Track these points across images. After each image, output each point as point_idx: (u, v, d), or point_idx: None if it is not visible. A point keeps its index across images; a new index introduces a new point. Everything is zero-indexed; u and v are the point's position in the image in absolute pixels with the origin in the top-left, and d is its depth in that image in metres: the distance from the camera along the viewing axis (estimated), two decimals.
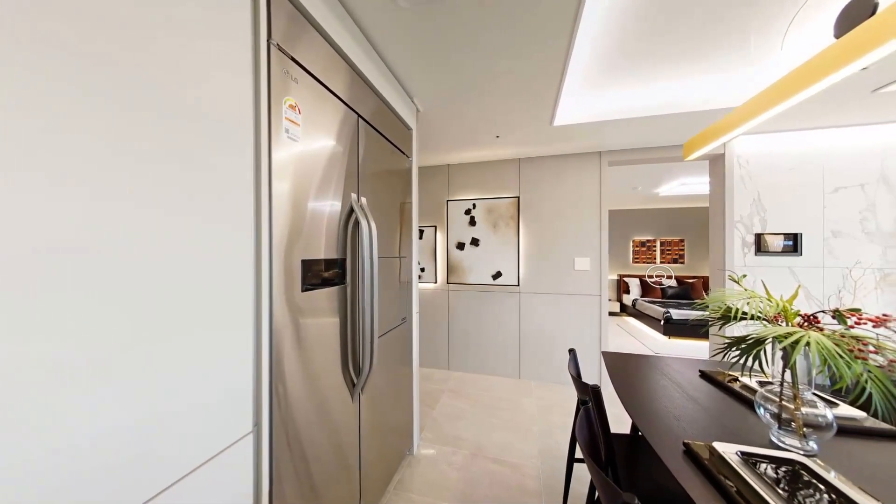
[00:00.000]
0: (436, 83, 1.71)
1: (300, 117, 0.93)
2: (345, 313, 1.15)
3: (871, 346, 0.79)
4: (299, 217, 0.94)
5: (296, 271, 0.92)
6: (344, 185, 1.15)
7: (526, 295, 3.01)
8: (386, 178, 1.53)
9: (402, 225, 1.70)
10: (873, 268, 2.23)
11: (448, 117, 2.16)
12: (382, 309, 1.43)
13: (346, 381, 1.17)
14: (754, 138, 2.44)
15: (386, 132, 1.50)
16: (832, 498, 0.65)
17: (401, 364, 1.70)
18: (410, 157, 1.82)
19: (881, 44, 0.81)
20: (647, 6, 1.36)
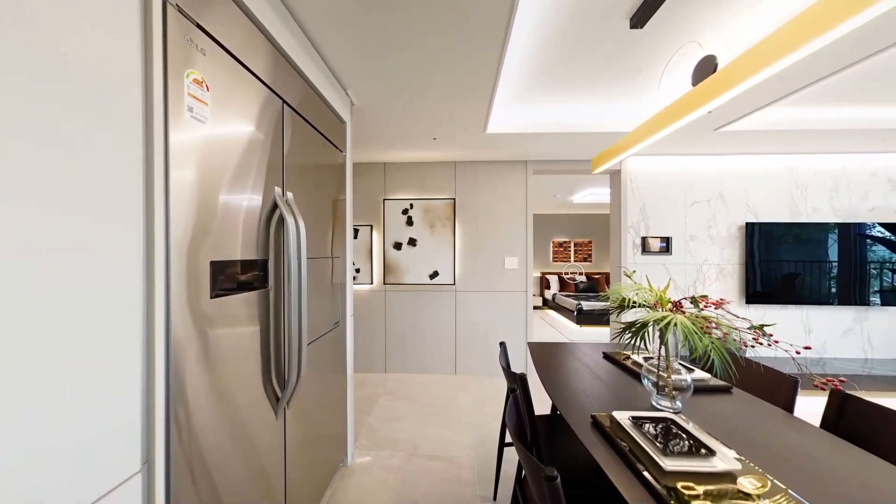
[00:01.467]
0: (372, 77, 1.66)
1: (208, 95, 0.81)
2: (267, 320, 1.03)
3: (713, 324, 1.04)
4: (207, 212, 0.81)
5: (203, 275, 0.79)
6: (266, 177, 1.03)
7: (461, 293, 3.13)
8: (316, 172, 1.42)
9: (334, 223, 1.60)
10: (714, 264, 2.94)
11: (385, 114, 2.11)
12: (313, 313, 1.33)
13: (270, 396, 1.05)
14: (641, 159, 2.98)
15: (316, 123, 1.40)
16: (691, 443, 0.84)
17: (333, 371, 1.60)
18: (344, 152, 1.73)
19: (719, 94, 1.08)
20: (562, 37, 1.55)
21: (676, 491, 0.69)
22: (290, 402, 1.13)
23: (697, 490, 0.69)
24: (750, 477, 0.73)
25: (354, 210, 3.11)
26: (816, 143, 2.65)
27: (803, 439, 0.91)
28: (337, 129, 1.64)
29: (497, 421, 2.25)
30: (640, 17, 1.37)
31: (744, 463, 0.77)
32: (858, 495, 0.70)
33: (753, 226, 2.87)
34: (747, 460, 0.79)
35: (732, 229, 2.94)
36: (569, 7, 1.37)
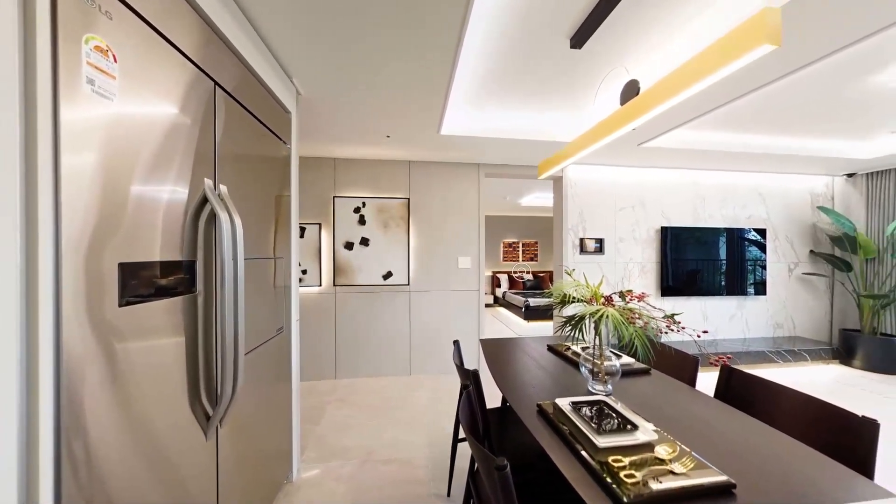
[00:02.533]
0: (321, 68, 1.57)
1: (116, 67, 0.68)
2: (195, 329, 0.91)
3: (637, 314, 1.19)
4: (115, 205, 0.69)
5: (109, 279, 0.67)
6: (193, 167, 0.91)
7: (416, 293, 3.12)
8: (256, 164, 1.29)
9: (277, 221, 1.47)
10: (637, 262, 3.37)
11: (336, 108, 2.01)
12: (252, 319, 1.21)
13: (199, 416, 0.93)
14: (580, 167, 3.29)
15: (256, 111, 1.27)
16: (619, 421, 0.95)
17: (276, 381, 1.47)
18: (289, 145, 1.60)
19: (640, 115, 1.24)
20: (511, 50, 1.63)
21: (608, 464, 0.78)
22: (224, 420, 1.01)
23: (624, 461, 0.79)
24: (664, 445, 0.85)
25: (302, 207, 2.90)
26: (712, 162, 3.19)
27: (702, 408, 1.10)
28: (281, 120, 1.52)
29: (451, 418, 2.29)
30: (578, 39, 1.51)
31: (660, 433, 0.90)
32: (741, 450, 0.86)
33: (667, 229, 3.35)
34: (662, 431, 0.92)
35: (651, 232, 3.39)
36: (516, 22, 1.45)
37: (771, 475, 0.76)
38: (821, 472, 0.77)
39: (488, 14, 1.40)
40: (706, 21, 1.40)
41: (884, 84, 1.94)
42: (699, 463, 0.77)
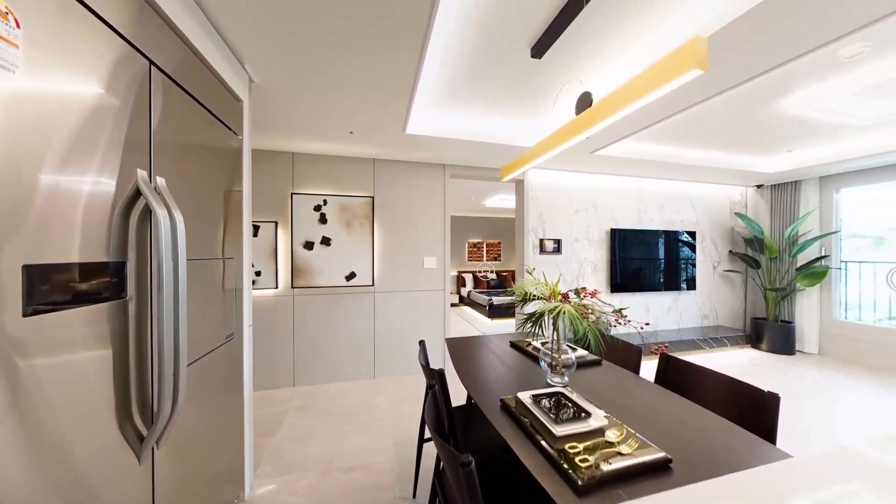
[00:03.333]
0: (276, 55, 1.47)
1: (19, 34, 0.58)
2: (125, 340, 0.81)
3: (590, 310, 1.29)
4: (16, 197, 0.58)
5: (9, 284, 0.57)
6: (123, 156, 0.80)
7: (381, 294, 3.06)
8: (202, 156, 1.18)
9: (227, 218, 1.35)
10: (590, 261, 3.63)
11: (294, 99, 1.90)
12: (196, 326, 1.10)
13: (130, 437, 0.82)
14: (540, 171, 3.46)
15: (202, 97, 1.16)
16: (574, 410, 1.02)
17: (226, 392, 1.36)
18: (240, 136, 1.48)
19: (593, 125, 1.33)
20: (475, 55, 1.67)
21: (565, 451, 0.83)
22: (163, 440, 0.90)
23: (579, 447, 0.85)
24: (613, 429, 0.93)
25: (256, 204, 2.69)
26: (652, 171, 3.54)
27: (645, 393, 1.21)
28: (230, 108, 1.40)
29: (416, 419, 2.28)
30: (538, 49, 1.59)
31: (609, 419, 0.98)
32: (675, 428, 0.97)
33: (616, 231, 3.66)
34: (612, 416, 1.00)
35: (602, 234, 3.68)
36: (480, 29, 1.49)
37: (699, 448, 0.87)
38: (737, 441, 0.90)
39: (454, 16, 1.42)
40: (651, 40, 1.55)
41: (784, 110, 2.30)
42: (642, 443, 0.86)
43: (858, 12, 1.22)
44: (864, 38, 1.47)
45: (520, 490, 1.06)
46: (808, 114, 2.36)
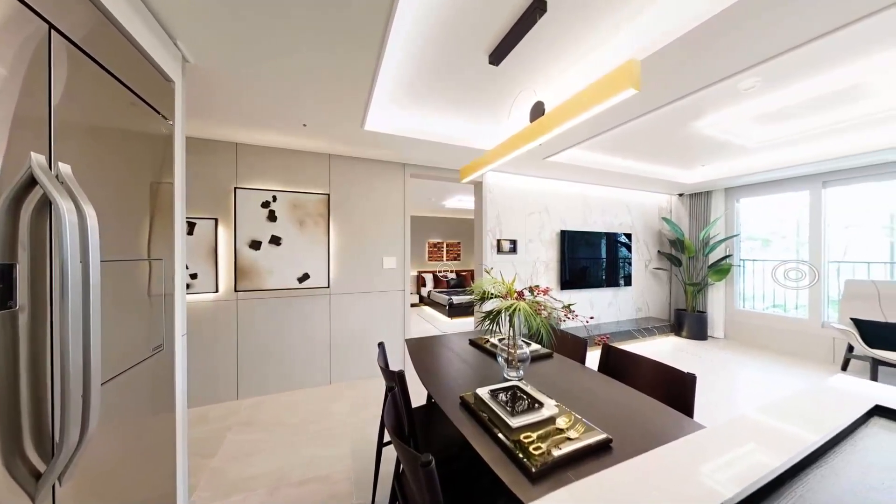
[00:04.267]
0: (216, 34, 1.33)
1: None
2: (13, 358, 0.67)
3: (542, 306, 1.37)
4: None
5: None
6: (10, 136, 0.67)
7: (337, 296, 2.92)
8: (121, 141, 1.02)
9: (154, 214, 1.19)
10: (543, 261, 3.87)
11: (238, 86, 1.73)
12: (113, 339, 0.95)
13: (20, 476, 0.68)
14: (497, 174, 3.59)
15: (120, 72, 1.00)
16: (528, 401, 1.08)
17: (153, 412, 1.19)
18: (171, 121, 1.31)
19: (544, 133, 1.42)
20: (435, 57, 1.68)
21: (520, 442, 0.88)
22: (67, 475, 0.77)
23: (533, 436, 0.90)
24: (563, 416, 1.00)
25: (192, 198, 2.40)
26: (596, 178, 3.88)
27: (590, 381, 1.33)
28: (159, 89, 1.23)
29: (376, 424, 2.22)
30: (496, 56, 1.65)
31: (560, 407, 1.06)
32: (615, 411, 1.08)
33: (565, 232, 3.94)
34: (562, 405, 1.08)
35: (553, 235, 3.94)
36: (440, 32, 1.50)
37: (634, 426, 0.98)
38: (664, 418, 1.03)
39: (414, 16, 1.41)
40: (597, 58, 1.69)
41: (699, 130, 2.68)
42: (587, 427, 0.94)
43: (751, 52, 1.47)
44: (755, 74, 1.78)
45: (480, 483, 1.10)
46: (717, 134, 2.78)
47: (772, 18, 1.25)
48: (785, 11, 1.21)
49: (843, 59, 1.72)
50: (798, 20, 1.26)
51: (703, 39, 1.38)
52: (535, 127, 1.48)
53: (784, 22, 1.27)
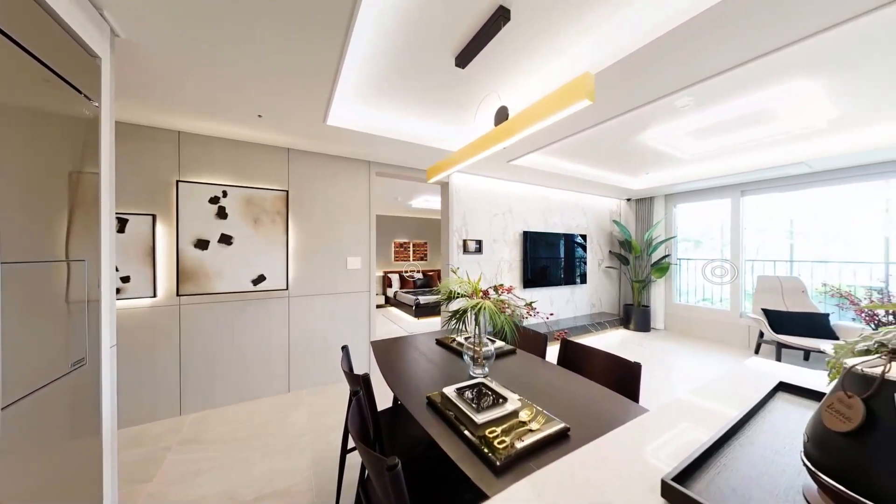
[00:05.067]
0: (153, 7, 1.19)
1: None
2: None
3: (506, 304, 1.42)
4: None
5: None
6: None
7: (297, 299, 2.77)
8: (30, 122, 0.87)
9: (74, 208, 1.04)
10: (507, 260, 4.01)
11: (180, 67, 1.56)
12: (19, 353, 0.81)
13: None
14: (464, 175, 3.65)
15: (30, 42, 0.86)
16: (493, 397, 1.11)
17: (72, 436, 1.04)
18: (96, 103, 1.15)
19: (507, 138, 1.48)
20: (401, 55, 1.67)
21: (485, 437, 0.90)
22: None
23: (497, 430, 0.93)
24: (525, 409, 1.05)
25: (123, 192, 2.11)
26: (555, 182, 4.11)
27: (550, 374, 1.40)
28: (81, 64, 1.07)
29: (339, 431, 2.14)
30: (462, 59, 1.67)
31: (523, 401, 1.10)
32: (572, 401, 1.15)
33: (527, 233, 4.12)
34: (524, 398, 1.13)
35: (516, 235, 4.09)
36: (407, 31, 1.49)
37: (589, 414, 1.05)
38: (614, 405, 1.12)
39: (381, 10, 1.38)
40: (559, 66, 1.78)
41: (643, 142, 2.95)
42: (548, 418, 0.99)
43: (683, 75, 1.65)
44: (688, 94, 2.01)
45: (447, 481, 1.11)
46: (658, 146, 3.08)
47: (697, 47, 1.42)
48: (707, 41, 1.38)
49: (754, 87, 2.01)
50: (716, 51, 1.44)
51: (643, 61, 1.52)
52: (499, 131, 1.53)
53: (707, 51, 1.45)
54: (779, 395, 0.81)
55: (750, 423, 0.68)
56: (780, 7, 1.19)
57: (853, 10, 1.19)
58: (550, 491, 0.53)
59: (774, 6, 1.18)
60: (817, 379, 0.89)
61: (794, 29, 1.29)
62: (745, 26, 1.29)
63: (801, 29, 1.29)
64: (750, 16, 1.24)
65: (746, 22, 1.27)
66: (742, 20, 1.26)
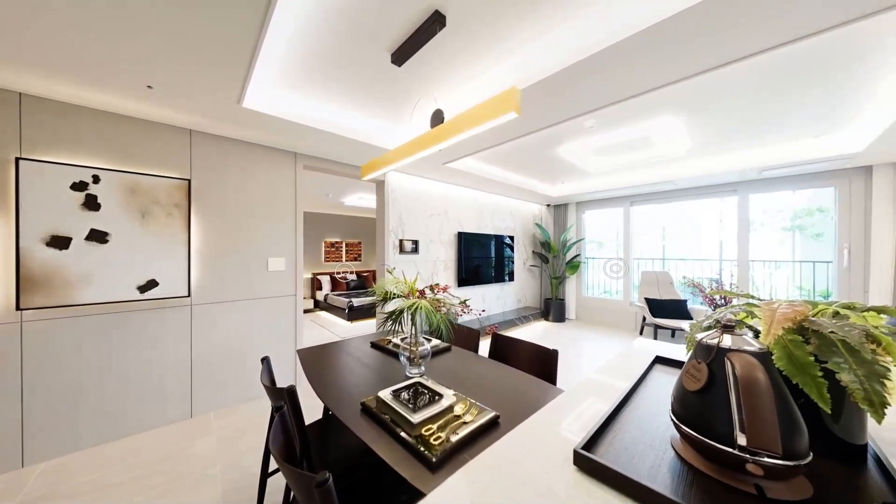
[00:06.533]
0: None
1: None
2: None
3: (442, 303, 1.47)
4: None
5: None
6: None
7: (203, 307, 2.36)
8: None
9: None
10: (443, 260, 4.11)
11: (27, 9, 1.19)
12: None
13: None
14: (400, 175, 3.61)
15: None
16: (429, 395, 1.14)
17: None
18: None
19: (442, 140, 1.52)
20: (332, 43, 1.57)
21: (422, 436, 0.92)
22: None
23: (433, 427, 0.95)
24: (460, 403, 1.10)
25: None
26: (487, 186, 4.37)
27: (482, 367, 1.49)
28: None
29: (257, 453, 1.91)
30: (398, 57, 1.66)
31: (458, 395, 1.15)
32: (501, 389, 1.25)
33: (462, 234, 4.29)
34: (459, 393, 1.18)
35: (451, 236, 4.23)
36: (337, 19, 1.41)
37: (517, 401, 1.16)
38: (537, 390, 1.25)
39: None
40: (495, 75, 1.89)
41: (559, 154, 3.35)
42: (480, 409, 1.06)
43: (588, 101, 1.94)
44: (593, 117, 2.36)
45: (383, 486, 1.09)
46: (571, 160, 3.54)
47: (597, 80, 1.69)
48: (603, 77, 1.66)
49: (639, 117, 2.48)
50: (610, 85, 1.74)
51: (559, 84, 1.74)
52: (434, 133, 1.56)
53: (604, 84, 1.73)
54: (656, 367, 1.02)
55: (636, 392, 0.84)
56: (650, 56, 1.49)
57: (698, 67, 1.56)
58: (482, 477, 0.57)
59: (647, 56, 1.48)
60: (681, 352, 1.14)
61: (660, 75, 1.64)
62: (628, 69, 1.59)
63: (664, 77, 1.65)
64: (631, 62, 1.52)
65: (624, 68, 1.57)
66: (620, 67, 1.56)
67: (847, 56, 1.68)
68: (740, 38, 1.34)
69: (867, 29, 1.43)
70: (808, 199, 3.72)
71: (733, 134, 2.76)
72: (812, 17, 1.22)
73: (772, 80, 1.92)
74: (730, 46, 1.40)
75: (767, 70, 1.81)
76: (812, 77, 1.88)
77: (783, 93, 2.07)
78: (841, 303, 0.65)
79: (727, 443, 0.51)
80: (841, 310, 0.62)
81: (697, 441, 0.54)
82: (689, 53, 1.45)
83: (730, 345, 0.55)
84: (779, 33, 1.31)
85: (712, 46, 1.40)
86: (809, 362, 0.52)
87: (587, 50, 1.48)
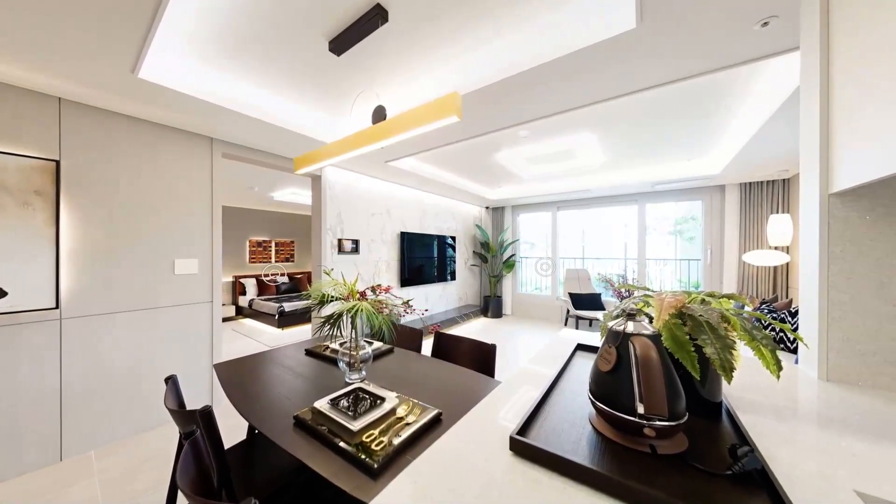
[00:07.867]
0: None
1: None
2: None
3: (384, 304, 1.43)
4: None
5: None
6: None
7: (77, 321, 1.89)
8: None
9: None
10: (385, 260, 4.02)
11: None
12: None
13: None
14: (339, 171, 3.41)
15: None
16: (371, 400, 1.10)
17: None
18: None
19: (384, 138, 1.49)
20: (264, 18, 1.42)
21: (363, 443, 0.89)
22: None
23: (375, 433, 0.93)
24: (403, 405, 1.09)
25: None
26: (429, 186, 4.41)
27: (425, 366, 1.51)
28: None
29: (159, 492, 1.61)
30: (337, 46, 1.57)
31: (400, 397, 1.14)
32: (444, 387, 1.27)
33: (405, 234, 4.25)
34: (402, 394, 1.17)
35: (394, 235, 4.16)
36: None
37: (457, 397, 1.20)
38: (478, 383, 1.31)
39: None
40: (439, 76, 1.91)
41: (497, 160, 3.56)
42: (423, 408, 1.06)
43: (520, 114, 2.11)
44: (526, 128, 2.57)
45: (321, 500, 1.02)
46: (507, 166, 3.79)
47: (526, 97, 1.85)
48: (532, 94, 1.82)
49: (563, 132, 2.78)
50: (537, 102, 1.93)
51: (495, 95, 1.85)
52: (375, 130, 1.52)
53: (532, 101, 1.91)
54: (578, 353, 1.15)
55: (562, 378, 0.95)
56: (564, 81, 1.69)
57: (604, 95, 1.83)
58: (425, 476, 0.58)
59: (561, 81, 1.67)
60: (597, 339, 1.32)
61: (573, 98, 1.88)
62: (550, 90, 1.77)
63: (578, 100, 1.89)
64: (549, 83, 1.71)
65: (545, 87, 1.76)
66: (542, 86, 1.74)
67: (712, 97, 2.15)
68: (634, 73, 1.61)
69: (721, 78, 1.85)
70: (685, 210, 4.65)
71: (633, 151, 3.28)
72: (686, 62, 1.53)
73: (661, 110, 2.34)
74: (626, 80, 1.67)
75: (657, 102, 2.20)
76: (687, 111, 2.35)
77: (667, 122, 2.54)
78: (706, 292, 0.83)
79: (630, 412, 0.60)
80: (706, 297, 0.79)
81: (608, 414, 0.64)
82: (596, 82, 1.69)
83: (632, 330, 0.66)
84: (662, 74, 1.61)
85: (613, 78, 1.65)
86: (686, 340, 0.66)
87: (519, 66, 1.60)
